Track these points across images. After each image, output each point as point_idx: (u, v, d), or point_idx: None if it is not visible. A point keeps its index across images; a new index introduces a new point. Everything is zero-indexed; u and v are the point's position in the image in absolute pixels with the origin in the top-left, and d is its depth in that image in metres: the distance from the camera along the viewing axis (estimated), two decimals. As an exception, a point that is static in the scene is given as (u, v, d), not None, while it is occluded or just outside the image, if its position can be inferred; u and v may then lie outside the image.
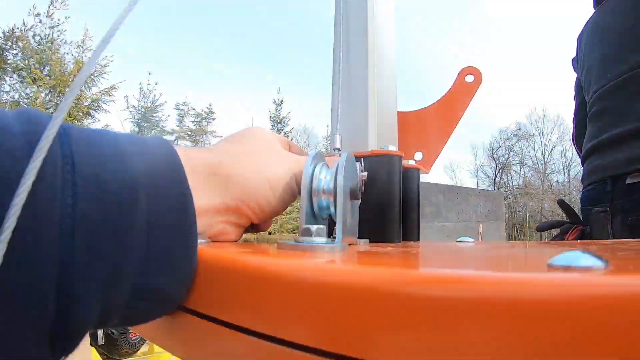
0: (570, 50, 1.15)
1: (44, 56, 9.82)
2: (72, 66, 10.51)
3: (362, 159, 0.40)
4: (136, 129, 12.97)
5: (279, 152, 0.34)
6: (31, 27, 9.77)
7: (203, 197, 0.27)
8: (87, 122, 11.37)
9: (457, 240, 0.49)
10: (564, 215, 1.04)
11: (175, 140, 15.58)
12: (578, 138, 1.11)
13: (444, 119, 0.55)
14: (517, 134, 28.66)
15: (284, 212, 0.37)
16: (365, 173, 0.38)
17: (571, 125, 1.18)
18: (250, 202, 0.30)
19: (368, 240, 0.39)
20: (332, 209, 0.31)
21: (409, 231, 0.49)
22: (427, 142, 0.56)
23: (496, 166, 29.50)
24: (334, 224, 0.29)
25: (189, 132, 15.86)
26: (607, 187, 0.87)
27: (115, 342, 1.41)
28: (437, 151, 0.55)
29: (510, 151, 29.01)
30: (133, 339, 1.42)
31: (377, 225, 0.42)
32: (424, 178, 0.52)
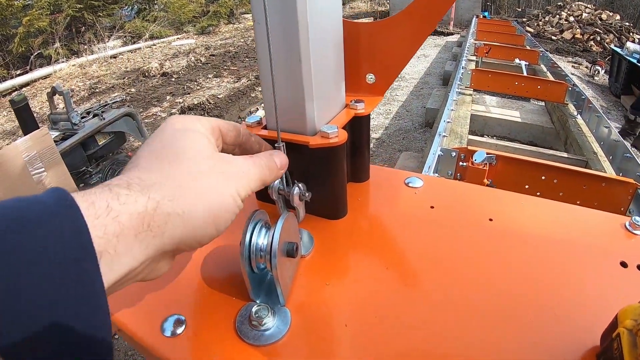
0: None
1: None
2: None
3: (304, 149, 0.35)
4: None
5: (220, 168, 0.28)
6: None
7: (138, 256, 0.23)
8: None
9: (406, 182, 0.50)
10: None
11: None
12: None
13: (407, 36, 0.43)
14: None
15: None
16: (309, 194, 0.35)
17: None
18: (191, 240, 0.26)
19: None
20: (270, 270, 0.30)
21: (361, 170, 0.49)
22: (383, 62, 0.46)
23: None
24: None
25: None
26: None
27: None
28: (394, 75, 0.46)
29: None
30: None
31: (325, 203, 0.40)
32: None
